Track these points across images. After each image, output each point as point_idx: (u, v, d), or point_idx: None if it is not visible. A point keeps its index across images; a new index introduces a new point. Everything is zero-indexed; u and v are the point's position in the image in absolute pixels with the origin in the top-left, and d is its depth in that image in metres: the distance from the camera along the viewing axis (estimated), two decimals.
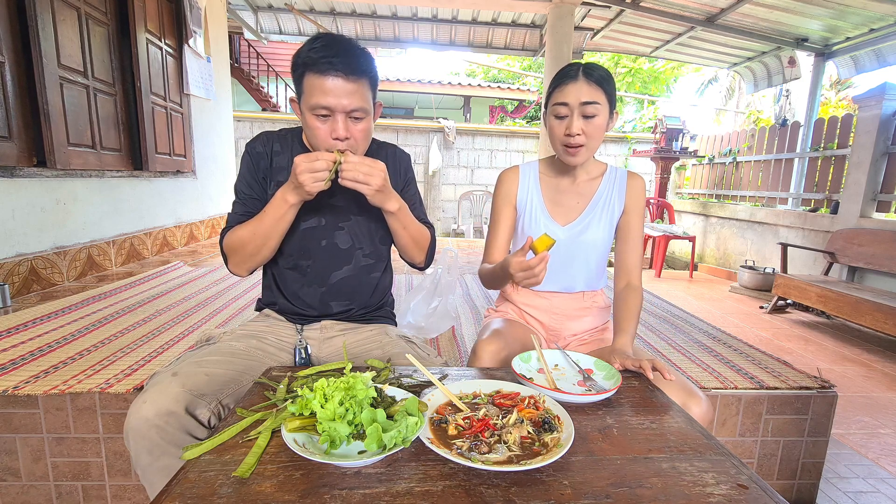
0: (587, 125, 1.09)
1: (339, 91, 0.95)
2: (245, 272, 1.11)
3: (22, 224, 2.10)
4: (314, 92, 0.96)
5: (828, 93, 10.23)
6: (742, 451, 1.49)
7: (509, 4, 4.90)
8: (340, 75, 0.95)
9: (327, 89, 0.95)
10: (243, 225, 1.05)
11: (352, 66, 0.95)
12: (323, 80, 0.95)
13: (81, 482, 1.28)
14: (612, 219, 1.22)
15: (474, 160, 6.95)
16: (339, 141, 0.99)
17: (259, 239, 1.04)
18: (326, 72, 0.94)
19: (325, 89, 0.95)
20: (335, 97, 0.95)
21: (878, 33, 4.32)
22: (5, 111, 2.00)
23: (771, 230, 4.63)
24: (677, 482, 0.63)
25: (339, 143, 0.99)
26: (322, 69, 0.94)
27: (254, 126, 6.40)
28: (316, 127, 0.98)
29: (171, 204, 3.41)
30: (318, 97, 0.95)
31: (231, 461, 0.64)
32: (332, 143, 0.99)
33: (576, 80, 1.08)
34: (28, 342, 1.51)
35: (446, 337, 1.83)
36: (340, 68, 0.94)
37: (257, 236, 1.03)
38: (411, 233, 1.12)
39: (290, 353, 1.13)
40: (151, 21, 3.03)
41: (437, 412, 0.76)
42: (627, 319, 1.12)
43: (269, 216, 1.01)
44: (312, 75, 0.95)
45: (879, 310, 2.74)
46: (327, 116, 0.97)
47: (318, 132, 0.99)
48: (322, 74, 0.94)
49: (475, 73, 13.71)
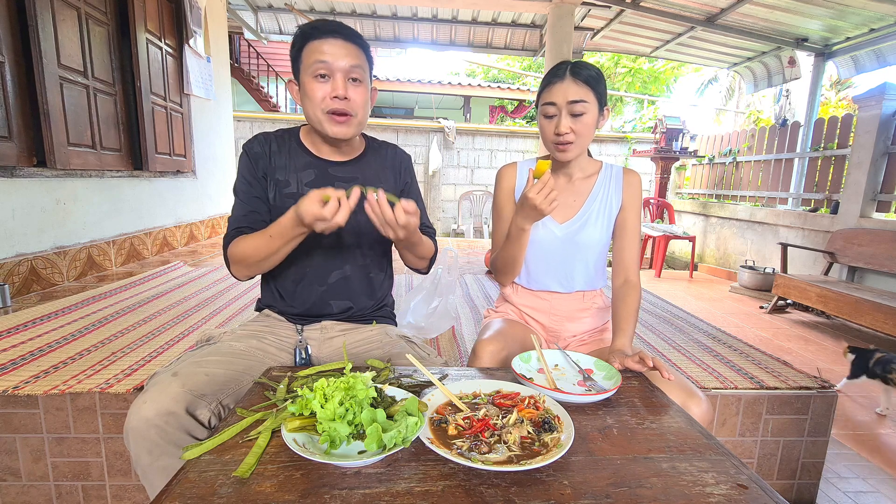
0: (575, 123, 1.09)
1: (338, 51, 1.00)
2: (245, 278, 1.11)
3: (22, 224, 2.10)
4: (313, 54, 1.00)
5: (828, 93, 10.23)
6: (742, 451, 1.49)
7: (509, 4, 4.90)
8: (339, 37, 1.00)
9: (326, 49, 1.00)
10: (251, 238, 1.02)
11: (349, 33, 1.02)
12: (322, 42, 1.00)
13: (81, 482, 1.28)
14: (609, 216, 1.22)
15: (474, 160, 6.95)
16: (339, 99, 1.01)
17: (264, 255, 1.02)
18: (326, 35, 1.00)
19: (323, 50, 1.00)
20: (333, 56, 0.99)
21: (878, 33, 4.32)
22: (5, 111, 2.00)
23: (771, 230, 4.63)
24: (677, 482, 0.63)
25: (338, 102, 1.01)
26: (321, 34, 1.00)
27: (254, 126, 6.40)
28: (315, 89, 1.01)
29: (171, 204, 3.41)
30: (318, 55, 0.99)
31: (231, 461, 0.64)
32: (331, 104, 1.01)
33: (563, 79, 1.09)
34: (28, 342, 1.51)
35: (446, 337, 1.83)
36: (339, 32, 1.01)
37: (262, 253, 1.01)
38: (416, 252, 1.13)
39: (290, 353, 1.13)
40: (151, 21, 3.03)
41: (437, 412, 0.76)
42: (626, 319, 1.12)
43: (279, 239, 0.98)
44: (312, 41, 1.01)
45: (879, 310, 2.74)
46: (326, 76, 1.01)
47: (316, 93, 1.01)
48: (322, 38, 1.00)
49: (475, 73, 13.70)
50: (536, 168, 1.04)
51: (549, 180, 1.02)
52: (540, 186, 1.02)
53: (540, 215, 1.06)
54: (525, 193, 1.05)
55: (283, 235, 0.97)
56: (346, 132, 1.06)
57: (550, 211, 1.05)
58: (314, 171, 1.11)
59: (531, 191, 1.03)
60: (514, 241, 1.15)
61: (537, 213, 1.05)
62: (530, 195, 1.03)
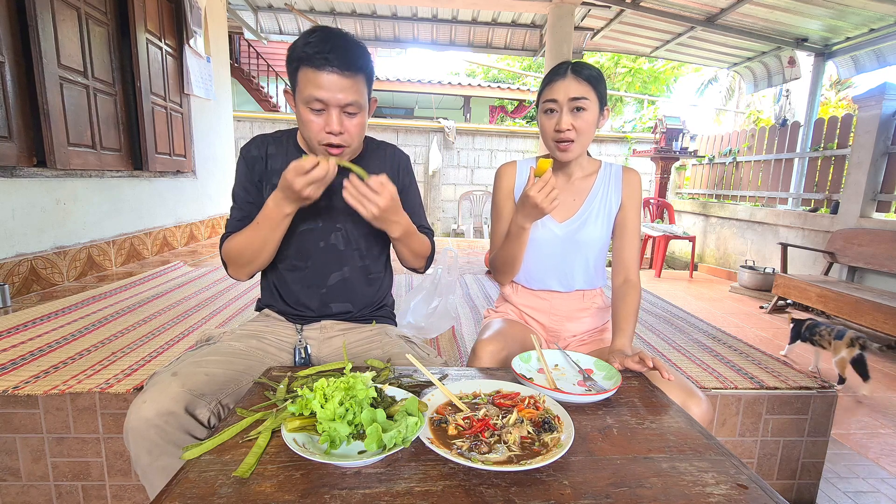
0: (576, 120, 1.09)
1: (334, 86, 0.95)
2: (245, 277, 1.11)
3: (22, 224, 2.10)
4: (308, 86, 0.95)
5: (828, 93, 10.23)
6: (742, 451, 1.48)
7: (509, 4, 4.90)
8: (336, 70, 0.94)
9: (322, 84, 0.94)
10: (240, 233, 1.05)
11: (347, 62, 0.95)
12: (318, 74, 0.94)
13: (81, 482, 1.28)
14: (609, 215, 1.22)
15: (474, 160, 6.95)
16: (333, 135, 0.99)
17: (255, 246, 1.04)
18: (322, 66, 0.93)
19: (319, 83, 0.94)
20: (329, 92, 0.95)
21: (878, 33, 4.32)
22: (5, 111, 2.00)
23: (771, 230, 4.63)
24: (677, 482, 0.63)
25: (333, 137, 0.99)
26: (317, 64, 0.93)
27: (254, 126, 6.40)
28: (310, 121, 0.98)
29: (171, 204, 3.41)
30: (313, 90, 0.95)
31: (231, 461, 0.64)
32: (326, 137, 0.99)
33: (564, 77, 1.09)
34: (28, 342, 1.51)
35: (446, 337, 1.83)
36: (336, 63, 0.94)
37: (254, 244, 1.03)
38: (413, 249, 1.13)
39: (290, 353, 1.13)
40: (151, 21, 3.03)
41: (437, 412, 0.76)
42: (626, 318, 1.12)
43: (265, 226, 1.01)
44: (307, 69, 0.95)
45: (879, 310, 2.74)
46: (321, 110, 0.97)
47: (311, 126, 0.98)
48: (317, 69, 0.94)
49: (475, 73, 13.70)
50: (538, 166, 1.04)
51: (550, 179, 1.03)
52: (541, 185, 1.03)
53: (541, 214, 1.07)
54: (526, 192, 1.05)
55: (269, 218, 0.99)
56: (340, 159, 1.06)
57: (551, 210, 1.05)
58: None
59: (532, 189, 1.03)
60: (515, 240, 1.15)
61: (538, 211, 1.05)
62: (531, 193, 1.03)
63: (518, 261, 1.21)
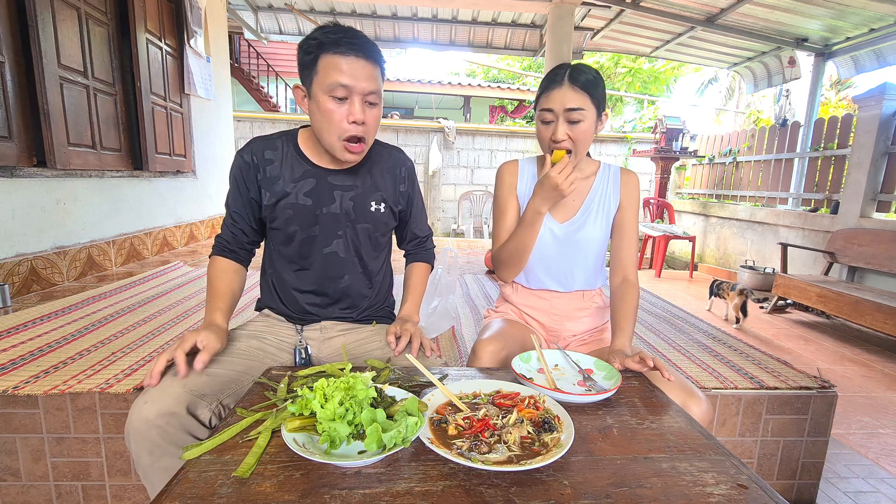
0: (572, 130, 1.09)
1: (359, 72, 0.95)
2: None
3: (22, 224, 2.10)
4: (332, 72, 0.94)
5: (828, 93, 10.23)
6: (742, 451, 1.49)
7: (509, 4, 4.90)
8: (361, 56, 0.95)
9: (347, 69, 0.94)
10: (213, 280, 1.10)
11: (369, 51, 0.96)
12: (343, 59, 0.94)
13: (81, 482, 1.28)
14: (608, 215, 1.22)
15: (474, 160, 6.95)
16: (357, 125, 0.98)
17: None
18: (347, 52, 0.93)
19: (344, 69, 0.94)
20: (354, 77, 0.94)
21: (878, 33, 4.32)
22: (5, 111, 2.00)
23: (771, 230, 4.63)
24: (677, 482, 0.63)
25: (356, 128, 0.98)
26: (342, 50, 0.94)
27: (254, 126, 6.40)
28: (331, 110, 0.96)
29: (171, 204, 3.41)
30: (337, 76, 0.94)
31: (231, 461, 0.65)
32: (347, 129, 0.98)
33: (561, 85, 1.08)
34: (28, 342, 1.51)
35: (446, 337, 1.83)
36: (361, 50, 0.95)
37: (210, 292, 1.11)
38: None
39: (290, 353, 1.13)
40: (151, 21, 3.02)
41: (437, 412, 0.76)
42: (625, 318, 1.12)
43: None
44: (331, 55, 0.94)
45: (879, 310, 2.74)
46: (344, 98, 0.96)
47: (333, 116, 0.97)
48: (342, 55, 0.94)
49: (475, 73, 13.70)
50: (553, 155, 1.09)
51: (568, 163, 1.07)
52: (561, 167, 1.06)
53: (559, 196, 1.09)
54: (547, 173, 1.08)
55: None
56: (356, 159, 1.06)
57: (570, 192, 1.09)
58: (314, 179, 1.09)
59: (553, 170, 1.07)
60: (528, 227, 1.15)
61: (557, 192, 1.08)
62: (552, 174, 1.06)
63: (528, 251, 1.20)
